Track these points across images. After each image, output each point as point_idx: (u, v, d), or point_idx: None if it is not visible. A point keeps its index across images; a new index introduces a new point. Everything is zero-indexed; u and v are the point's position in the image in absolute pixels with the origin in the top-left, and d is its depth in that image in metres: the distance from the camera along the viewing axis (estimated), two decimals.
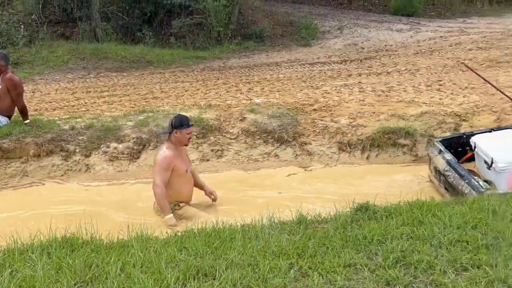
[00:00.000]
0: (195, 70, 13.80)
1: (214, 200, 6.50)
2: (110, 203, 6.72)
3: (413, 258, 3.53)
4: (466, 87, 10.33)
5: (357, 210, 4.43)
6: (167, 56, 15.29)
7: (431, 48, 14.98)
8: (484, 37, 16.06)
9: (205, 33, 17.03)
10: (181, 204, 6.11)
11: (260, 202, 6.20)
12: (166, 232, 4.37)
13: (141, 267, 3.53)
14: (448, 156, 6.63)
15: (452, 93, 10.02)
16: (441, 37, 16.56)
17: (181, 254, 3.73)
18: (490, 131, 7.02)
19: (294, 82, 11.61)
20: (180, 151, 6.15)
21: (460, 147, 7.10)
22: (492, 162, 6.10)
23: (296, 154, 8.23)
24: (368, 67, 13.00)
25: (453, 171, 6.32)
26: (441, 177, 6.56)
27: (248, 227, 4.29)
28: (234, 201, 6.60)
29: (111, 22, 17.12)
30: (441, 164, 6.59)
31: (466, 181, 6.04)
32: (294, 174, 7.67)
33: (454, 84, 10.66)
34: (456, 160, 6.56)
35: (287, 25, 18.10)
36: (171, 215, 5.83)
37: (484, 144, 6.45)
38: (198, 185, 6.52)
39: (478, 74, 7.94)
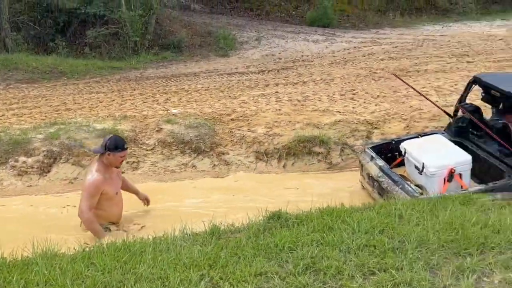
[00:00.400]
0: (110, 81, 13.50)
1: (147, 204, 6.49)
2: (17, 219, 6.43)
3: (322, 264, 3.58)
4: (378, 96, 10.69)
5: (270, 218, 4.45)
6: (81, 67, 14.86)
7: (345, 58, 15.42)
8: (396, 47, 16.73)
9: (121, 43, 16.72)
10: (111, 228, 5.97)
11: (175, 213, 6.09)
12: (74, 248, 4.20)
13: (45, 285, 3.39)
14: (380, 162, 6.78)
15: (364, 102, 10.34)
16: (355, 47, 17.08)
17: (88, 270, 3.60)
18: (417, 137, 7.22)
19: (212, 92, 11.61)
20: (110, 172, 5.92)
21: (389, 153, 7.27)
22: (423, 167, 6.30)
23: (214, 164, 8.20)
24: (285, 77, 13.19)
25: (387, 177, 6.45)
26: (375, 183, 6.66)
27: (159, 239, 4.21)
28: (149, 213, 6.48)
29: (21, 32, 16.49)
30: (374, 170, 6.71)
31: (400, 186, 6.19)
32: (211, 184, 7.62)
33: (367, 93, 11.01)
34: (389, 166, 6.74)
35: (205, 36, 18.09)
36: (107, 235, 5.61)
37: (414, 150, 6.65)
38: (132, 191, 6.48)
39: (407, 83, 8.31)
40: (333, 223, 4.24)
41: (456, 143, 6.85)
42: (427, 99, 8.15)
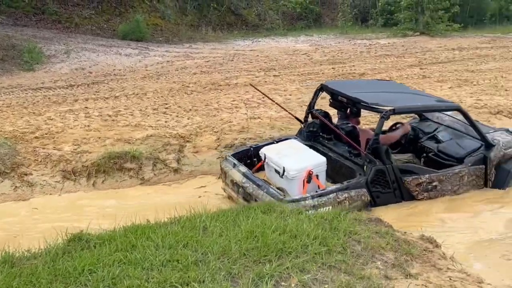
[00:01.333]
0: None
1: None
2: None
3: (124, 284, 3.49)
4: (190, 110, 10.81)
5: (70, 240, 4.23)
6: None
7: (158, 72, 15.39)
8: (208, 61, 17.12)
9: None
10: None
11: None
12: None
13: None
14: (243, 168, 6.98)
15: (177, 116, 10.39)
16: (168, 61, 17.14)
17: None
18: (273, 142, 7.64)
19: (15, 109, 10.83)
20: None
21: (248, 159, 7.53)
22: (284, 171, 6.60)
23: (16, 186, 7.60)
24: (96, 91, 12.78)
25: (251, 182, 6.65)
26: (240, 189, 6.79)
27: None
28: None
29: None
30: (237, 176, 6.87)
31: (265, 190, 6.42)
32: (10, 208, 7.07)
33: (179, 107, 11.08)
34: (251, 172, 6.94)
35: (8, 49, 16.84)
36: None
37: (273, 155, 6.94)
38: None
39: (262, 93, 8.63)
40: (137, 240, 4.15)
41: (309, 146, 7.30)
42: (281, 107, 8.49)
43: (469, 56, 17.75)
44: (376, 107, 6.91)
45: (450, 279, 4.31)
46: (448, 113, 8.38)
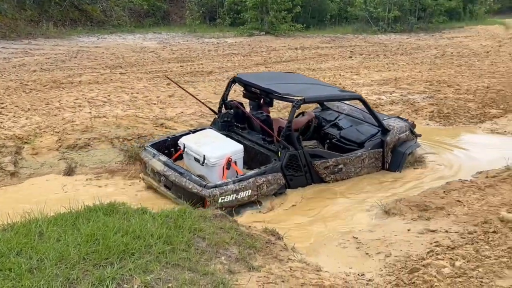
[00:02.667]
0: None
1: None
2: None
3: None
4: (29, 109, 10.19)
5: None
6: None
7: None
8: (49, 58, 16.25)
9: None
10: None
11: None
12: None
13: None
14: (163, 158, 7.24)
15: (14, 116, 9.75)
16: (4, 58, 15.98)
17: None
18: (189, 132, 7.93)
19: None
20: None
21: (166, 149, 7.74)
22: (204, 159, 6.95)
23: None
24: None
25: (173, 171, 6.91)
26: (162, 178, 7.03)
27: None
28: None
29: None
30: (158, 166, 7.11)
31: (188, 177, 6.72)
32: None
33: (17, 106, 10.39)
34: (172, 161, 7.21)
35: None
36: None
37: (192, 144, 7.26)
38: None
39: (179, 86, 8.78)
40: None
41: (225, 136, 7.65)
42: (199, 101, 8.79)
43: (310, 55, 18.68)
44: (288, 97, 7.46)
45: (290, 269, 4.49)
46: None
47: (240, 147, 7.28)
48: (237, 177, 6.83)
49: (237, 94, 9.73)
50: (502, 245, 5.24)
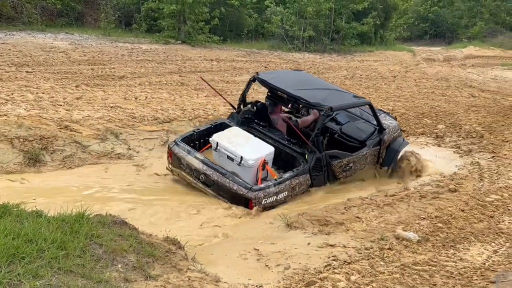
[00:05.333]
0: None
1: None
2: None
3: None
4: None
5: None
6: None
7: None
8: None
9: None
10: None
11: None
12: None
13: None
14: (199, 155, 7.69)
15: None
16: None
17: None
18: (211, 126, 8.54)
19: None
20: None
21: (191, 142, 8.24)
22: (241, 159, 7.39)
23: None
24: None
25: (213, 170, 7.41)
26: (201, 176, 7.49)
27: None
28: None
29: None
30: (196, 163, 7.55)
31: (230, 178, 7.29)
32: None
33: None
34: (209, 160, 7.59)
35: None
36: None
37: (227, 144, 7.62)
38: None
39: (211, 87, 9.35)
40: None
41: (246, 131, 8.13)
42: (225, 100, 9.27)
43: (225, 68, 18.78)
44: (317, 106, 7.98)
45: (189, 279, 4.44)
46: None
47: (272, 149, 7.77)
48: (275, 180, 7.40)
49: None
50: (396, 261, 5.47)
